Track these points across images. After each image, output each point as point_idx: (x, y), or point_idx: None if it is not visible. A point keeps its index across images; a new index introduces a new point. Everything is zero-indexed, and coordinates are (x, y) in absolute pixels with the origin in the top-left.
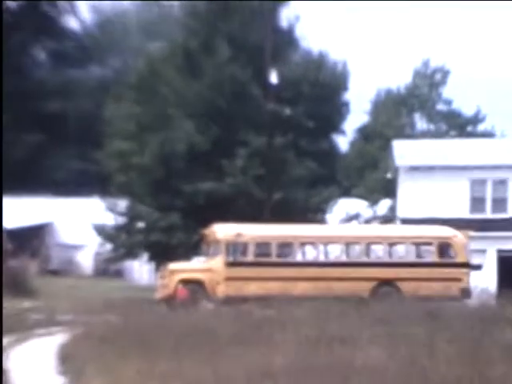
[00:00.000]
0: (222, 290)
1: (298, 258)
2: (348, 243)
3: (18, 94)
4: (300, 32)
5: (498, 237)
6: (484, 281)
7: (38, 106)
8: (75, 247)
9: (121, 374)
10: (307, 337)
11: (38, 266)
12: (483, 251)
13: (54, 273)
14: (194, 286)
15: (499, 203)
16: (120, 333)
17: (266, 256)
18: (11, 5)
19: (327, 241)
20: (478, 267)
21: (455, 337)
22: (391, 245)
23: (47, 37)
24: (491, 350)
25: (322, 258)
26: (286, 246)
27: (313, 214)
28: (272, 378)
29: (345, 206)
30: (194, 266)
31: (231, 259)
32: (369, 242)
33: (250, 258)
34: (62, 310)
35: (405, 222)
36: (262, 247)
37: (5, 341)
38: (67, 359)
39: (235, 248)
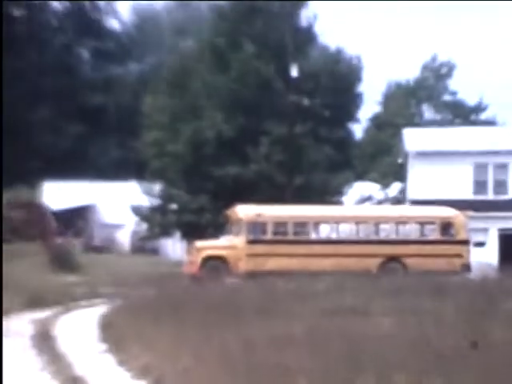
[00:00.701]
0: (243, 266)
1: (313, 236)
2: (358, 222)
3: (64, 90)
4: (318, 29)
5: (499, 217)
6: (486, 257)
7: (82, 100)
8: (115, 226)
9: (156, 341)
10: (323, 308)
11: (82, 244)
12: (486, 230)
13: (96, 250)
14: (218, 261)
15: (500, 186)
16: (155, 304)
17: (283, 234)
18: (56, 8)
19: (339, 220)
20: (481, 244)
21: (460, 307)
22: (398, 224)
23: (90, 37)
24: (494, 319)
25: (334, 236)
26: (302, 225)
27: (330, 196)
28: (292, 344)
29: (359, 188)
30: (218, 244)
31: (252, 237)
32: (377, 222)
33: (269, 236)
34: (103, 283)
35: (414, 203)
36: (280, 226)
37: (52, 311)
38: (108, 328)
39: (256, 227)
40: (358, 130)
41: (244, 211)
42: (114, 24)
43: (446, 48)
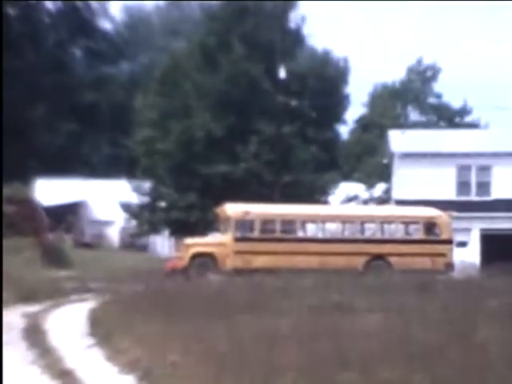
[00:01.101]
0: (231, 263)
1: (300, 234)
2: (344, 221)
3: (57, 88)
4: (306, 31)
5: (482, 217)
6: (468, 256)
7: (74, 98)
8: (105, 223)
9: (144, 336)
10: (310, 305)
11: (73, 240)
12: (468, 230)
13: (87, 245)
14: (206, 258)
15: (483, 187)
16: (143, 299)
17: (270, 232)
18: (50, 7)
19: (326, 219)
20: (464, 244)
21: (443, 305)
22: (383, 223)
23: (83, 36)
24: (476, 317)
25: (320, 235)
26: (289, 224)
27: (317, 195)
28: (279, 339)
29: (345, 188)
30: (206, 241)
31: (240, 235)
32: (362, 221)
33: (256, 233)
34: (93, 278)
35: (398, 203)
36: (268, 224)
37: (43, 306)
38: (97, 322)
39: (243, 225)
40: (345, 131)
41: (232, 209)
42: (105, 24)
43: (432, 51)
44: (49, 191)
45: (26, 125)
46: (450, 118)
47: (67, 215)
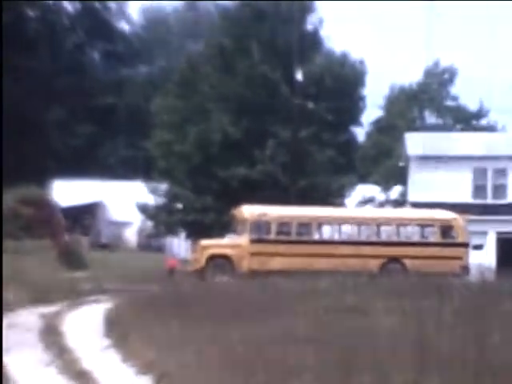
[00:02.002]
0: (247, 265)
1: (316, 236)
2: (360, 224)
3: (75, 90)
4: (324, 34)
5: (498, 220)
6: (485, 259)
7: (92, 100)
8: (122, 224)
9: (160, 337)
10: (326, 307)
11: (90, 241)
12: (484, 233)
13: (104, 246)
14: (222, 260)
15: (499, 190)
16: (159, 300)
17: (286, 234)
18: (68, 9)
19: (341, 222)
20: (480, 247)
21: (459, 308)
22: (399, 226)
23: (101, 39)
24: (491, 320)
25: (336, 237)
26: (305, 226)
27: (333, 198)
28: (294, 342)
29: (361, 191)
30: (222, 243)
31: (256, 236)
32: (379, 223)
33: (272, 235)
34: (110, 279)
35: (414, 205)
36: (284, 226)
37: (59, 307)
38: (113, 323)
39: (260, 227)
40: (361, 133)
41: (249, 211)
42: (124, 26)
43: (449, 53)
44: (66, 192)
45: (43, 126)
46: (466, 120)
47: (84, 216)
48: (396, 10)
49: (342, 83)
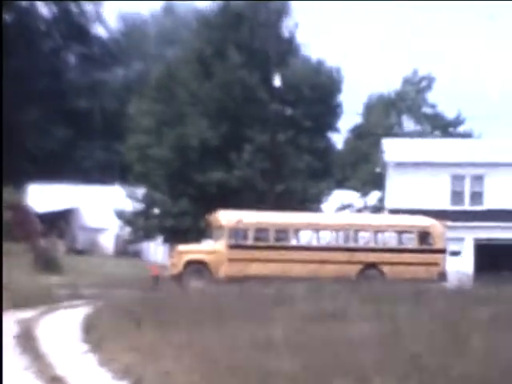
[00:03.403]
0: (224, 270)
1: (293, 242)
2: (337, 230)
3: (51, 94)
4: (300, 40)
5: (475, 226)
6: (462, 265)
7: (68, 103)
8: (98, 230)
9: (137, 342)
10: (303, 312)
11: (65, 246)
12: (462, 239)
13: (79, 252)
14: (199, 265)
15: (476, 196)
16: (136, 306)
17: (264, 240)
18: (45, 13)
19: (319, 228)
20: (457, 253)
21: (436, 314)
22: (376, 232)
23: (77, 43)
24: (468, 326)
25: (314, 243)
26: (282, 232)
27: (310, 203)
28: (272, 347)
29: (339, 196)
30: (199, 248)
31: (233, 242)
32: (356, 229)
33: (249, 241)
34: (86, 285)
35: (392, 212)
36: (261, 232)
37: (35, 312)
38: (89, 328)
39: (237, 232)
40: (339, 139)
41: (226, 217)
42: (100, 30)
43: (426, 61)
44: (42, 197)
45: (19, 129)
46: (443, 127)
47: (60, 222)
48: (374, 17)
49: (319, 90)
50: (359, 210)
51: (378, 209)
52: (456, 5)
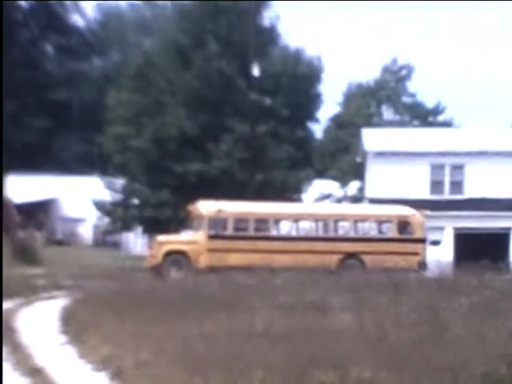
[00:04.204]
0: (204, 261)
1: (273, 232)
2: (318, 220)
3: (28, 84)
4: (281, 30)
5: (455, 216)
6: (442, 255)
7: (46, 94)
8: (77, 220)
9: (116, 334)
10: (283, 303)
11: (44, 237)
12: (442, 228)
13: (58, 243)
14: (179, 256)
15: (456, 186)
16: (116, 297)
17: (244, 230)
18: (22, 4)
19: (299, 217)
20: (437, 243)
21: (417, 304)
22: (356, 222)
23: (54, 33)
24: (448, 315)
25: (294, 233)
26: (262, 222)
27: (290, 193)
28: (252, 338)
29: (319, 186)
30: (179, 239)
31: (213, 233)
32: (336, 219)
33: (229, 231)
34: (65, 276)
35: (372, 201)
36: (241, 222)
37: (14, 303)
38: (69, 320)
39: (217, 223)
40: (318, 129)
41: (205, 207)
42: (78, 20)
43: (406, 50)
44: (20, 188)
45: None
46: (423, 117)
47: (38, 213)
48: (354, 6)
49: (299, 79)
50: (339, 200)
51: (357, 199)
52: None
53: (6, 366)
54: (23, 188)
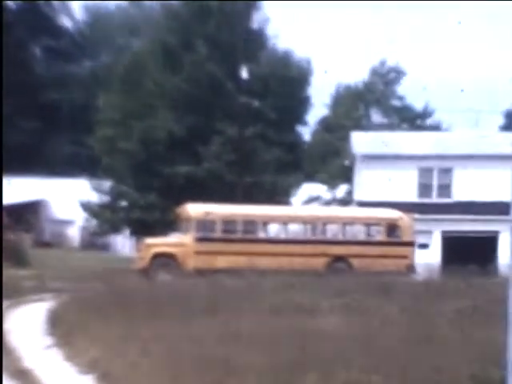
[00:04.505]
0: (192, 263)
1: (261, 235)
2: (306, 222)
3: (17, 86)
4: (270, 32)
5: (443, 219)
6: (430, 258)
7: (35, 96)
8: (65, 222)
9: (104, 336)
10: (271, 305)
11: (32, 239)
12: (430, 232)
13: (46, 245)
14: (167, 258)
15: (444, 189)
16: (103, 299)
17: (232, 233)
18: (11, 5)
19: (287, 220)
20: (425, 246)
21: (404, 307)
22: (345, 225)
23: (44, 34)
24: (435, 318)
25: (282, 236)
26: (250, 224)
27: (279, 196)
28: (239, 340)
29: (308, 189)
30: (167, 241)
31: (201, 235)
32: (325, 222)
33: (217, 234)
34: (53, 278)
35: (361, 204)
36: (229, 225)
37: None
38: (56, 322)
39: (204, 225)
40: (307, 132)
41: (193, 209)
42: (67, 22)
43: (394, 53)
44: (8, 189)
45: None
46: (412, 120)
47: (26, 214)
48: (342, 9)
49: (287, 82)
50: (327, 203)
51: (346, 202)
52: None
53: None
54: (10, 189)
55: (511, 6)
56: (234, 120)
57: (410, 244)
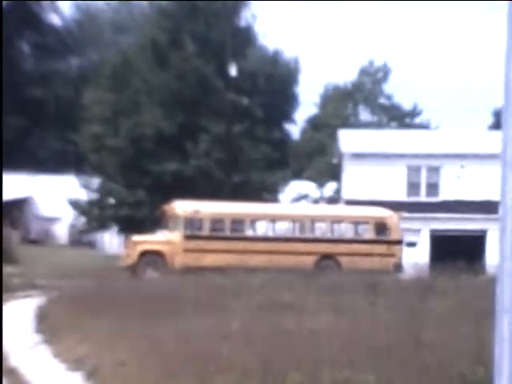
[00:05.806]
0: (180, 261)
1: (250, 233)
2: (294, 220)
3: (4, 83)
4: (258, 30)
5: (431, 218)
6: (418, 256)
7: (22, 93)
8: (52, 219)
9: (92, 333)
10: (259, 303)
11: (19, 236)
12: (418, 231)
13: (33, 242)
14: (154, 256)
15: (432, 188)
16: (91, 296)
17: (220, 230)
18: None
19: (275, 218)
20: (413, 244)
21: (393, 305)
22: (333, 223)
23: (31, 31)
24: (424, 317)
25: (270, 234)
26: (238, 222)
27: (267, 194)
28: (227, 338)
29: (296, 187)
30: (154, 239)
31: (189, 233)
32: (313, 220)
33: (205, 232)
34: (40, 275)
35: (348, 202)
36: (217, 222)
37: None
38: (44, 319)
39: (193, 223)
40: (295, 130)
41: (181, 207)
42: (54, 19)
43: (383, 52)
44: None
45: None
46: (400, 118)
47: (13, 211)
48: (331, 8)
49: (276, 80)
50: (315, 201)
51: (334, 200)
52: None
53: None
54: None
55: (501, 4)
56: (222, 117)
57: (398, 242)
